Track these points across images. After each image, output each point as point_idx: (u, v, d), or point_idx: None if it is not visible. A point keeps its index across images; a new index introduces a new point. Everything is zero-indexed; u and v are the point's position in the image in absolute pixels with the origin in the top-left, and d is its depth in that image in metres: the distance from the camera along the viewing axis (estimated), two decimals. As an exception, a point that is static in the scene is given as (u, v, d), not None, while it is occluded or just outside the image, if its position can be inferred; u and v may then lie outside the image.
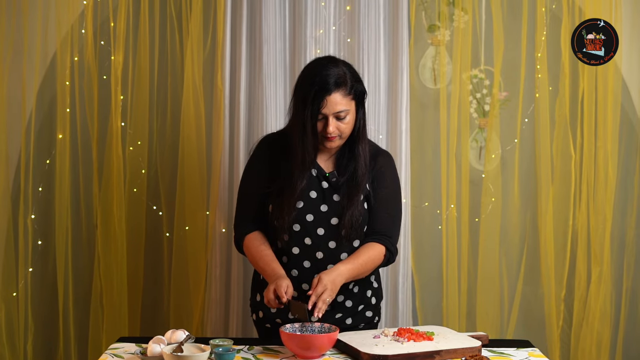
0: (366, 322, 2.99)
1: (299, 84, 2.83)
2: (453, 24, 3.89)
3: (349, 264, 2.79)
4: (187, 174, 3.84)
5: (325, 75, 2.76)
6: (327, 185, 2.89)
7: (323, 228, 2.86)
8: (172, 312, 3.88)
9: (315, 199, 2.87)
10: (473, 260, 3.92)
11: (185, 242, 3.86)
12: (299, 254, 2.87)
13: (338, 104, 2.76)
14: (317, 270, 2.85)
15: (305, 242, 2.87)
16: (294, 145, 2.83)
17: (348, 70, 2.82)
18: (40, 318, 3.93)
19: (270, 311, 2.94)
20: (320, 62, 2.86)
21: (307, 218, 2.86)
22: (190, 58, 3.82)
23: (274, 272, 2.80)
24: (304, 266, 2.88)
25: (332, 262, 2.87)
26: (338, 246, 2.87)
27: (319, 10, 3.80)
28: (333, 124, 2.78)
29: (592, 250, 3.89)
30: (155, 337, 2.62)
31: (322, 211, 2.86)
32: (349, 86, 2.78)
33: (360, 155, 2.86)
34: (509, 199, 3.93)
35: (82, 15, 3.84)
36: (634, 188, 3.93)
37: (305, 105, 2.76)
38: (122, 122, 3.85)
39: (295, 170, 2.83)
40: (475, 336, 2.79)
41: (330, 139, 2.81)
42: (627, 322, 3.96)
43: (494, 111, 3.89)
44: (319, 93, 2.75)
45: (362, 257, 2.83)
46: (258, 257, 2.88)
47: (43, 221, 3.91)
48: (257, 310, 3.01)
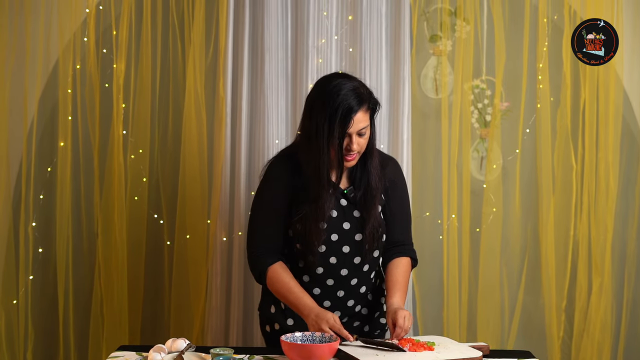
0: (382, 328, 3.00)
1: (315, 105, 2.77)
2: (455, 34, 3.89)
3: (402, 296, 2.85)
4: (189, 182, 3.84)
5: (346, 94, 2.72)
6: (345, 203, 2.87)
7: (348, 245, 2.86)
8: (173, 321, 3.87)
9: (337, 217, 2.85)
10: (474, 270, 3.92)
11: (186, 251, 3.86)
12: (323, 273, 2.87)
13: (361, 122, 2.75)
14: (340, 287, 2.87)
15: (330, 261, 2.86)
16: (314, 167, 2.77)
17: (361, 86, 2.79)
18: (41, 326, 3.92)
19: (287, 323, 2.92)
20: (334, 80, 2.79)
21: (332, 238, 2.85)
22: (192, 66, 3.82)
23: (309, 306, 2.77)
24: (327, 284, 2.88)
25: (355, 277, 2.88)
26: (362, 260, 2.88)
27: (321, 20, 3.81)
28: (356, 142, 2.75)
29: (593, 260, 3.89)
30: (155, 345, 2.61)
31: (345, 229, 2.85)
32: (368, 102, 2.77)
33: (373, 168, 2.85)
34: (510, 209, 3.93)
35: (84, 23, 3.84)
36: (635, 199, 3.93)
37: (331, 127, 2.71)
38: (123, 130, 3.85)
39: (323, 193, 2.78)
40: (476, 346, 2.78)
41: (350, 158, 2.79)
42: (628, 333, 3.95)
43: (496, 121, 3.89)
44: (346, 113, 2.71)
45: (401, 281, 2.89)
46: (286, 293, 2.83)
47: (44, 229, 3.91)
48: (273, 322, 2.97)
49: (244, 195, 3.81)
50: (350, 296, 2.89)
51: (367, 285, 2.94)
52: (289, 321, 2.93)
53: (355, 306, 2.93)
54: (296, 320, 2.90)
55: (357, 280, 2.90)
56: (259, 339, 3.81)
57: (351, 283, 2.88)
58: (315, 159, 2.76)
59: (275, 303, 2.97)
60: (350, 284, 2.88)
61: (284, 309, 2.94)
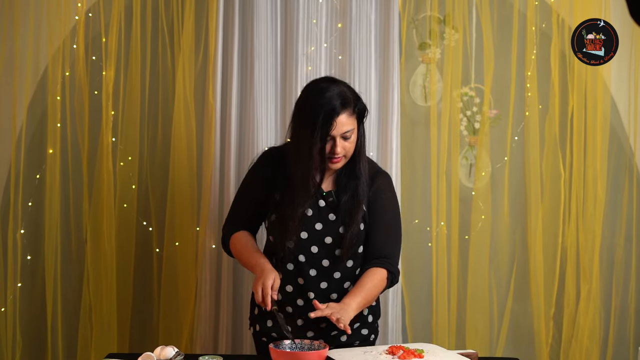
0: (361, 339, 2.99)
1: (301, 108, 2.83)
2: (444, 42, 3.90)
3: (357, 296, 2.79)
4: (178, 189, 3.83)
5: (330, 97, 2.76)
6: (323, 204, 2.89)
7: (317, 246, 2.87)
8: (162, 328, 3.86)
9: (311, 216, 2.88)
10: (463, 277, 3.92)
11: (175, 258, 3.85)
12: (293, 271, 2.88)
13: (345, 125, 2.77)
14: (311, 288, 2.87)
15: (299, 259, 2.88)
16: (295, 170, 2.82)
17: (347, 89, 2.83)
18: (29, 334, 3.91)
19: (267, 325, 2.96)
20: (320, 84, 2.85)
21: (302, 235, 2.87)
22: (182, 74, 3.82)
23: (260, 264, 2.82)
24: (298, 283, 2.89)
25: (324, 280, 2.89)
26: (332, 265, 2.88)
27: (310, 27, 3.82)
28: (340, 145, 2.78)
29: (581, 268, 3.90)
30: (144, 353, 2.61)
31: (317, 229, 2.87)
32: (352, 105, 2.79)
33: (361, 174, 2.87)
34: (498, 216, 3.94)
35: (74, 30, 3.84)
36: (623, 206, 3.94)
37: (314, 129, 2.74)
38: (112, 137, 3.84)
39: (298, 195, 2.83)
40: (465, 354, 2.79)
41: (336, 161, 2.81)
42: (616, 339, 3.96)
43: (484, 129, 3.90)
44: (327, 115, 2.74)
45: (367, 286, 2.83)
46: (243, 250, 2.93)
47: (32, 236, 3.90)
48: (255, 323, 3.03)
49: (234, 202, 3.81)
50: (321, 299, 2.87)
51: (339, 293, 2.92)
52: (268, 323, 2.96)
53: None
54: (275, 323, 2.93)
55: (327, 285, 2.90)
56: (249, 346, 3.81)
57: (321, 286, 2.89)
58: (300, 161, 2.81)
59: (258, 305, 2.99)
60: (320, 286, 2.89)
61: (265, 312, 2.96)
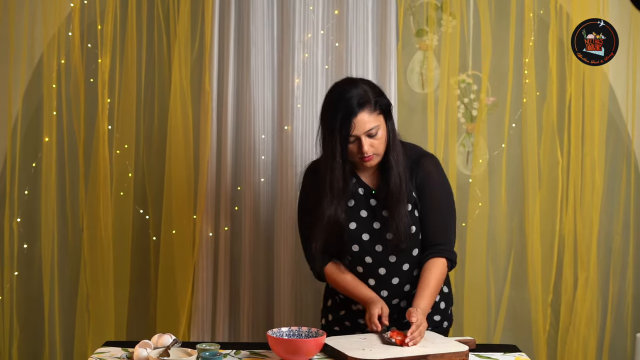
0: (434, 325, 3.01)
1: (323, 112, 2.85)
2: (441, 29, 3.89)
3: (425, 297, 2.82)
4: (174, 177, 3.82)
5: (347, 98, 2.77)
6: (375, 203, 2.91)
7: (380, 245, 2.89)
8: (159, 316, 3.86)
9: (367, 217, 2.90)
10: (460, 264, 3.92)
11: (172, 246, 3.84)
12: (363, 273, 2.91)
13: (367, 123, 2.78)
14: (383, 286, 2.91)
15: (366, 260, 2.91)
16: (323, 173, 2.85)
17: (368, 87, 2.83)
18: (26, 322, 3.91)
19: (339, 314, 3.02)
20: (338, 86, 2.87)
21: (363, 237, 2.90)
22: (178, 61, 3.81)
23: (365, 296, 2.86)
24: (370, 284, 2.92)
25: (396, 276, 2.92)
26: (399, 259, 2.91)
27: (307, 14, 3.80)
28: (367, 144, 2.79)
29: (578, 255, 3.90)
30: (141, 341, 2.61)
31: (376, 228, 2.89)
32: (373, 103, 2.80)
33: (393, 167, 2.86)
34: (496, 203, 3.93)
35: (69, 18, 3.82)
36: (621, 193, 3.94)
37: (334, 132, 2.77)
38: (109, 125, 3.83)
39: (325, 198, 2.85)
40: (462, 341, 2.79)
41: (368, 159, 2.83)
42: (613, 326, 3.97)
43: (482, 116, 3.90)
44: (345, 117, 2.76)
45: (432, 283, 2.85)
46: (345, 287, 2.93)
47: (29, 224, 3.89)
48: (327, 314, 3.10)
49: (230, 190, 3.81)
50: (394, 295, 2.92)
51: (411, 284, 2.95)
52: (341, 312, 3.03)
53: (402, 304, 2.95)
54: (347, 312, 3.01)
55: (398, 280, 2.93)
56: (246, 334, 3.82)
57: (392, 282, 2.92)
58: (325, 164, 2.84)
59: (332, 297, 3.08)
60: (392, 282, 2.92)
61: (339, 303, 3.03)
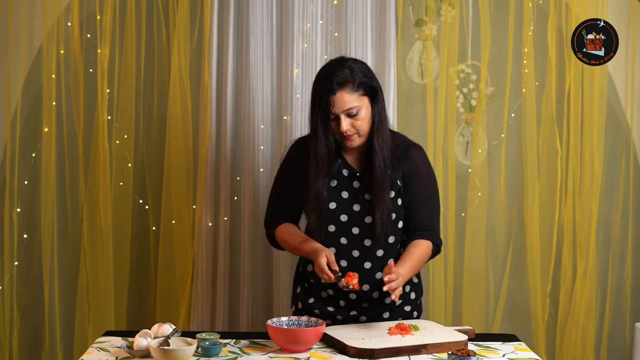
0: (405, 316, 3.01)
1: (312, 88, 2.88)
2: (440, 18, 3.89)
3: (406, 266, 2.81)
4: (174, 167, 3.83)
5: (329, 76, 2.80)
6: (358, 185, 2.91)
7: (358, 227, 2.89)
8: (159, 306, 3.87)
9: (348, 199, 2.90)
10: (459, 254, 3.93)
11: (172, 236, 3.85)
12: (336, 254, 2.89)
13: (346, 102, 2.79)
14: (354, 268, 2.88)
15: (341, 241, 2.90)
16: (310, 149, 2.87)
17: (357, 67, 2.84)
18: (26, 312, 3.91)
19: (309, 302, 2.99)
20: (327, 65, 2.91)
21: (341, 218, 2.89)
22: (177, 51, 3.80)
23: (312, 248, 2.84)
24: (341, 265, 2.90)
25: (368, 260, 2.91)
26: (374, 244, 2.90)
27: (306, 4, 3.80)
28: (345, 122, 2.80)
29: (577, 245, 3.91)
30: (141, 330, 2.61)
31: (355, 210, 2.89)
32: (356, 83, 2.80)
33: (377, 151, 2.86)
34: (495, 193, 3.94)
35: (68, 8, 3.82)
36: (620, 183, 3.95)
37: (315, 108, 2.82)
38: (108, 115, 3.83)
39: (311, 172, 2.87)
40: (461, 330, 2.80)
41: (348, 137, 2.84)
42: (612, 316, 3.98)
43: (481, 106, 3.90)
44: (324, 94, 2.79)
45: (414, 256, 2.86)
46: (291, 241, 2.95)
47: (29, 215, 3.89)
48: (297, 301, 3.07)
49: (229, 180, 3.81)
50: (365, 280, 2.91)
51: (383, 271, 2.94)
52: (310, 300, 3.00)
53: (372, 292, 2.93)
54: (316, 300, 2.97)
55: (370, 265, 2.91)
56: (245, 324, 3.82)
57: (365, 266, 2.91)
58: (311, 140, 2.87)
59: (301, 284, 3.06)
60: (364, 266, 2.91)
61: (307, 289, 3.01)
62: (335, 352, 2.61)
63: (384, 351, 2.54)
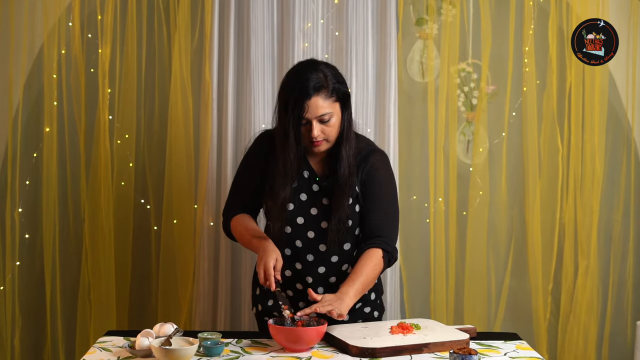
0: (364, 318, 3.00)
1: (281, 89, 2.82)
2: (441, 17, 3.89)
3: (354, 283, 2.75)
4: (175, 167, 3.83)
5: (304, 79, 2.75)
6: (317, 189, 2.89)
7: (313, 231, 2.87)
8: (160, 306, 3.87)
9: (306, 201, 2.88)
10: (460, 253, 3.93)
11: (173, 236, 3.85)
12: (291, 255, 2.89)
13: (320, 108, 2.75)
14: (308, 272, 2.88)
15: (296, 244, 2.89)
16: (278, 152, 2.82)
17: (330, 72, 2.80)
18: (28, 312, 3.91)
19: (268, 305, 2.96)
20: (300, 66, 2.85)
21: (297, 221, 2.87)
22: (178, 51, 3.80)
23: (262, 245, 2.80)
24: (296, 268, 2.90)
25: (322, 265, 2.89)
26: (328, 249, 2.88)
27: (307, 4, 3.80)
28: (317, 128, 2.76)
29: (579, 243, 3.91)
30: (143, 330, 2.62)
31: (312, 214, 2.87)
32: (330, 89, 2.76)
33: (343, 158, 2.83)
34: (496, 192, 3.94)
35: (69, 8, 3.82)
36: (621, 181, 3.95)
37: (287, 111, 2.75)
38: (109, 115, 3.83)
39: (277, 177, 2.83)
40: (463, 329, 2.80)
41: (317, 144, 2.80)
42: (614, 314, 3.97)
43: (482, 105, 3.90)
44: (299, 98, 2.73)
45: (364, 271, 2.78)
46: (244, 232, 2.90)
47: (30, 214, 3.90)
48: (257, 303, 3.04)
49: (231, 179, 3.80)
50: (319, 283, 2.90)
51: (337, 277, 2.92)
52: (269, 302, 2.97)
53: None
54: (276, 302, 2.93)
55: (325, 269, 2.90)
56: (247, 323, 3.82)
57: (318, 270, 2.89)
58: (279, 145, 2.82)
59: (260, 285, 3.01)
60: (318, 271, 2.89)
61: (266, 290, 2.97)
62: (337, 351, 2.61)
63: (386, 350, 2.54)
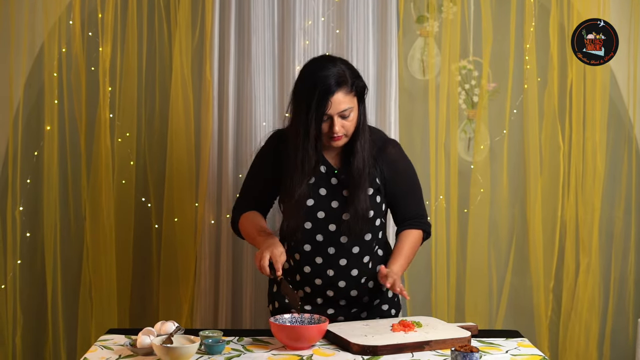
0: (382, 315, 3.01)
1: (298, 87, 2.81)
2: (442, 15, 3.89)
3: (398, 263, 2.87)
4: (176, 165, 3.83)
5: (325, 76, 2.74)
6: (336, 182, 2.89)
7: (334, 224, 2.88)
8: (162, 304, 3.87)
9: (325, 195, 2.89)
10: (462, 251, 3.93)
11: (174, 234, 3.85)
12: (311, 251, 2.89)
13: (342, 103, 2.76)
14: (329, 266, 2.89)
15: (317, 239, 2.89)
16: (294, 150, 2.82)
17: (347, 67, 2.81)
18: (29, 310, 3.92)
19: (286, 302, 2.96)
20: (317, 62, 2.84)
21: (318, 215, 2.87)
22: (179, 49, 3.80)
23: (267, 241, 2.81)
24: (316, 262, 2.90)
25: (343, 257, 2.90)
26: (350, 241, 2.89)
27: (307, 1, 3.80)
28: (339, 124, 2.77)
29: (580, 241, 3.91)
30: (144, 328, 2.62)
31: (333, 207, 2.88)
32: (349, 83, 2.77)
33: (358, 151, 2.85)
34: (497, 190, 3.93)
35: (69, 7, 3.82)
36: (622, 179, 3.94)
37: (309, 109, 2.73)
38: (110, 113, 3.83)
39: (295, 175, 2.83)
40: (464, 327, 2.80)
41: (337, 139, 2.81)
42: (615, 312, 3.97)
43: (483, 102, 3.89)
44: (322, 95, 2.72)
45: (405, 249, 2.92)
46: (251, 229, 2.93)
47: (31, 213, 3.90)
48: (274, 300, 3.06)
49: (232, 177, 3.81)
50: (340, 277, 2.91)
51: (359, 269, 2.94)
52: (286, 299, 2.95)
53: (350, 290, 2.93)
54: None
55: (346, 262, 2.90)
56: (248, 321, 3.82)
57: (340, 263, 2.90)
58: (294, 141, 2.81)
59: (276, 282, 3.03)
60: (340, 264, 2.90)
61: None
62: (338, 349, 2.61)
63: (387, 348, 2.54)
